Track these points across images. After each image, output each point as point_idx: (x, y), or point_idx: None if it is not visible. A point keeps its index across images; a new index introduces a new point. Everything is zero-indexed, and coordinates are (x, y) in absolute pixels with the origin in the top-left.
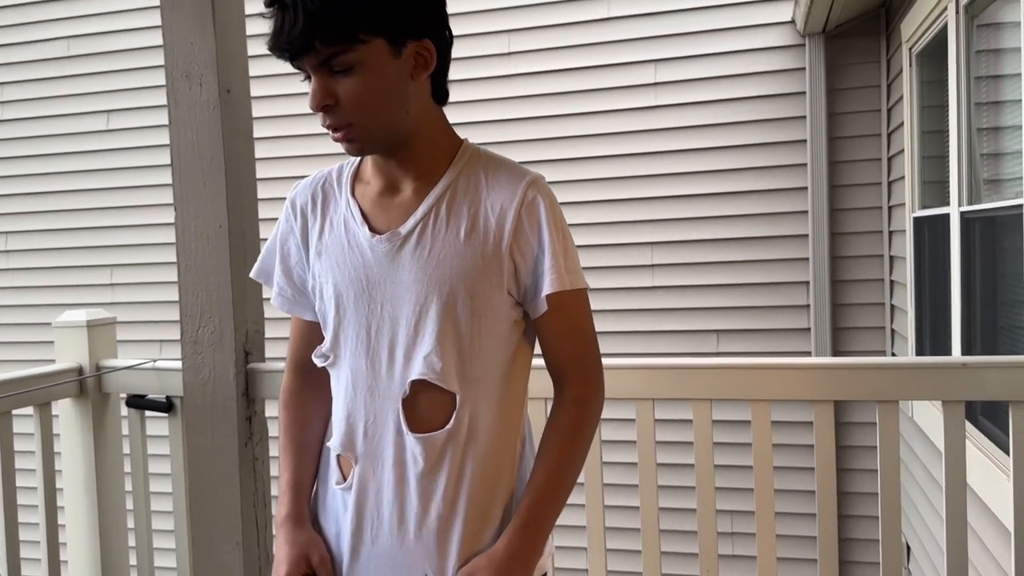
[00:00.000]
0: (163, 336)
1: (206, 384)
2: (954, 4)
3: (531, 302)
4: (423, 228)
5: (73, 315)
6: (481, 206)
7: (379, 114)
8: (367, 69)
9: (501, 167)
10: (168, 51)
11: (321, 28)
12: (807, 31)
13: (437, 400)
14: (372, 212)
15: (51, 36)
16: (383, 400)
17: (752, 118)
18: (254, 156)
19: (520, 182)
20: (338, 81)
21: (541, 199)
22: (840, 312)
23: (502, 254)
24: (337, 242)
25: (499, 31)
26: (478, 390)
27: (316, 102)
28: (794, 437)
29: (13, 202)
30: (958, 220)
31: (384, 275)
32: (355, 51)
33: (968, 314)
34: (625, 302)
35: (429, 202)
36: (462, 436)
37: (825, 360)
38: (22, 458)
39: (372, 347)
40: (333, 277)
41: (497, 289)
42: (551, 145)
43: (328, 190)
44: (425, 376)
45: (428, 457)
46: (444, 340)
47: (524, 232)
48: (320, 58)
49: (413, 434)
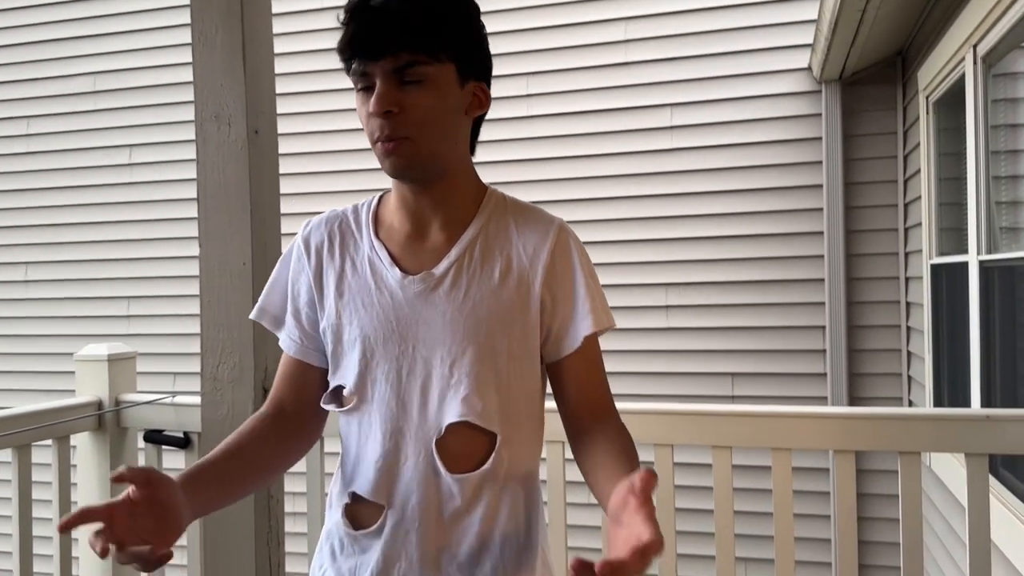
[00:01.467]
0: (177, 368)
1: (224, 421)
2: (971, 54)
3: (558, 342)
4: (458, 270)
5: (94, 349)
6: (513, 249)
7: (435, 134)
8: (436, 87)
9: (528, 212)
10: (198, 92)
11: (411, 33)
12: (823, 78)
13: (471, 439)
14: (400, 254)
15: (78, 71)
16: (415, 442)
17: (768, 162)
18: (279, 195)
19: (550, 226)
20: (405, 92)
21: (572, 242)
22: (856, 358)
23: (535, 296)
24: (363, 284)
25: (518, 73)
26: (514, 429)
27: (381, 106)
28: (810, 483)
29: (35, 233)
30: (977, 269)
31: (416, 317)
32: (432, 65)
33: (988, 363)
34: (639, 343)
35: (462, 244)
36: (500, 474)
37: (847, 409)
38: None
39: (403, 389)
40: (359, 319)
41: (532, 329)
42: (568, 185)
43: (345, 230)
44: (466, 417)
45: (464, 495)
46: (483, 381)
47: (557, 274)
48: (399, 63)
49: (451, 474)
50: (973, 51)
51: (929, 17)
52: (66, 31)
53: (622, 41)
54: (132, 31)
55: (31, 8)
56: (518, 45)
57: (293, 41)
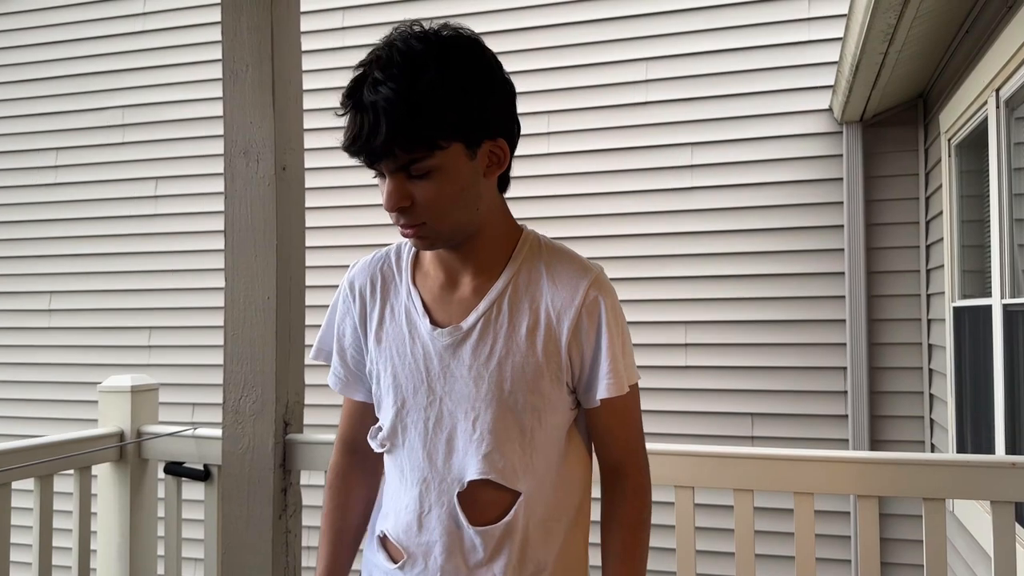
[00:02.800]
0: (196, 399)
1: (245, 454)
2: (994, 98)
3: (584, 395)
4: (485, 324)
5: (117, 380)
6: (542, 302)
7: (452, 215)
8: (444, 173)
9: (562, 261)
10: (228, 128)
11: (402, 136)
12: (844, 119)
13: (494, 494)
14: (433, 304)
15: (108, 104)
16: (438, 493)
17: (789, 202)
18: (304, 231)
19: (582, 280)
20: (414, 184)
21: (603, 299)
22: (878, 400)
23: (561, 350)
24: (398, 331)
25: (540, 112)
26: (539, 481)
27: (392, 204)
28: (832, 527)
29: (59, 263)
30: (1001, 312)
31: (444, 369)
32: (434, 157)
33: (1012, 408)
34: (658, 381)
35: (491, 297)
36: (520, 525)
37: (871, 454)
38: (57, 517)
39: (429, 439)
40: (393, 367)
41: (556, 384)
42: (588, 222)
43: (387, 273)
44: (487, 476)
45: (487, 547)
46: (505, 439)
47: (584, 331)
48: (399, 163)
49: (474, 527)
50: (996, 95)
51: (951, 61)
52: (98, 65)
53: (643, 81)
54: (162, 66)
55: (62, 43)
56: (540, 84)
57: (320, 78)
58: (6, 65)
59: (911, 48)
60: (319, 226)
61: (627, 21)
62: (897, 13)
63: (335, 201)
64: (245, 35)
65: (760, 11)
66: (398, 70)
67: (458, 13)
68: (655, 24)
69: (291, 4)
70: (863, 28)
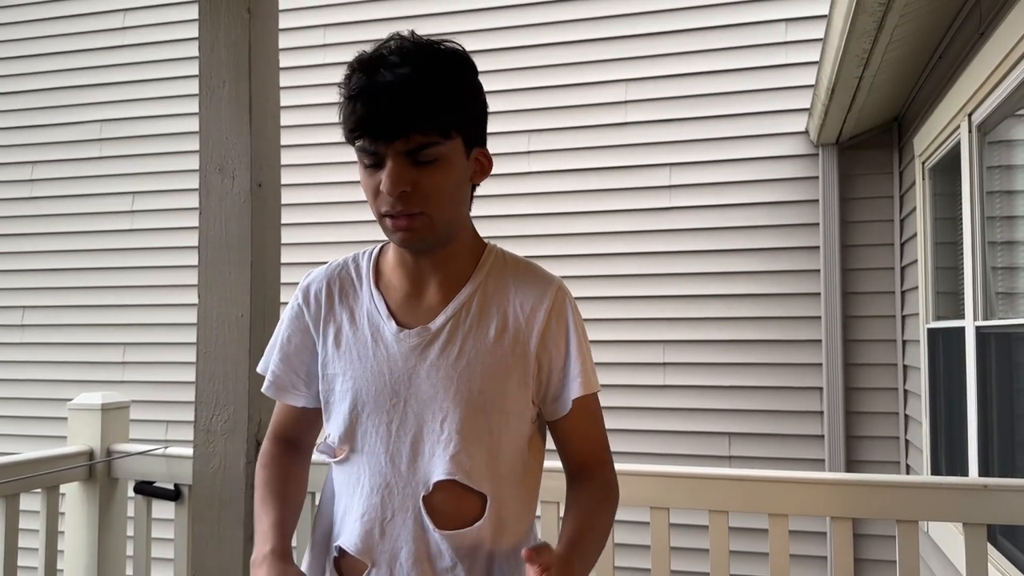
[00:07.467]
0: (171, 417)
1: (216, 474)
2: (967, 122)
3: (552, 403)
4: (454, 325)
5: (88, 398)
6: (510, 308)
7: (448, 208)
8: (448, 163)
9: (527, 270)
10: (204, 144)
11: (425, 115)
12: (820, 142)
13: (460, 496)
14: (398, 310)
15: (85, 119)
16: (402, 497)
17: (765, 223)
18: (280, 249)
19: (548, 286)
20: (418, 170)
21: (568, 303)
22: (854, 420)
23: (529, 355)
24: (359, 335)
25: (520, 131)
26: (503, 486)
27: (396, 187)
28: (807, 547)
29: (33, 277)
30: (973, 334)
31: (410, 371)
32: (444, 145)
33: (985, 429)
34: (636, 400)
35: (460, 300)
36: (489, 530)
37: (845, 476)
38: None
39: (392, 442)
40: (353, 371)
41: (522, 388)
42: (567, 241)
43: (346, 279)
44: (454, 476)
45: (456, 552)
46: (472, 439)
47: (552, 335)
48: (410, 146)
49: (440, 531)
50: (968, 119)
51: (925, 85)
52: (75, 79)
53: (622, 102)
54: (140, 81)
55: (41, 56)
56: (520, 103)
57: (298, 95)
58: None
59: (886, 72)
60: (297, 242)
61: (607, 42)
62: (872, 38)
63: (313, 218)
64: (223, 51)
65: (738, 34)
66: (415, 57)
67: (442, 32)
68: (635, 46)
69: (270, 21)
70: (839, 52)
